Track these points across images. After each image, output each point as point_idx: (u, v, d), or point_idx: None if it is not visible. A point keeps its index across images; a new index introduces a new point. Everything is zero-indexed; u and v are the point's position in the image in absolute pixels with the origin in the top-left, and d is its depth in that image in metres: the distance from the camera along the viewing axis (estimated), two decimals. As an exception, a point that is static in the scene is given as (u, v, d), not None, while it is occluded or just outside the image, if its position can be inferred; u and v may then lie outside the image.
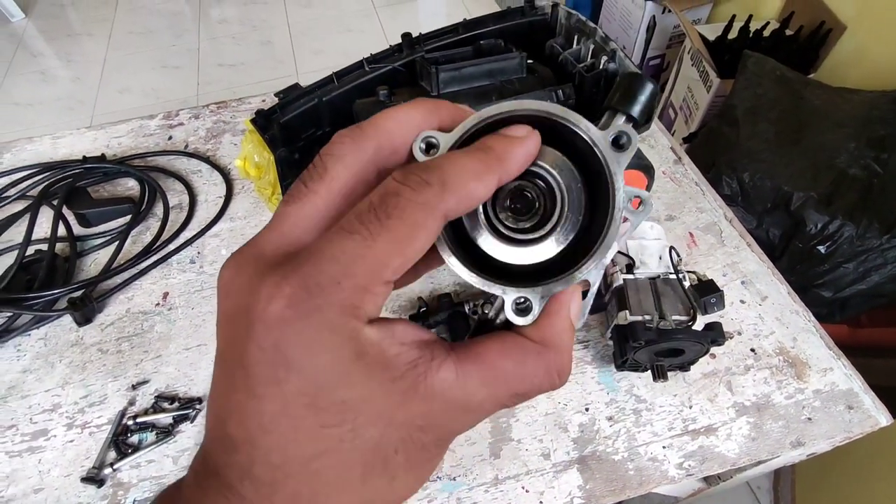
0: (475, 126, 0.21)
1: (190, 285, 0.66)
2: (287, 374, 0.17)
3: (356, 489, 0.18)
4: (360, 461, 0.18)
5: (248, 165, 0.63)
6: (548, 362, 0.20)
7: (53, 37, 2.52)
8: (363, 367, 0.17)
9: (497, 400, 0.19)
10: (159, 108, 0.88)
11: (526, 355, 0.19)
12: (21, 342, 0.62)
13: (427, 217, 0.17)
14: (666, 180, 0.75)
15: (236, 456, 0.18)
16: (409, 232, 0.17)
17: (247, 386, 0.17)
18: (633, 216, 0.24)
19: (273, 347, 0.17)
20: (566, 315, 0.20)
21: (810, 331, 0.60)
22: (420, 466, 0.19)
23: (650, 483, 0.51)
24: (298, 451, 0.17)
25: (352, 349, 0.17)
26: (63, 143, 0.83)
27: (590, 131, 0.20)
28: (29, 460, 0.54)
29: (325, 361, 0.17)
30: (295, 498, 0.18)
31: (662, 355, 0.53)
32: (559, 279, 0.20)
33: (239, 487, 0.18)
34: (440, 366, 0.18)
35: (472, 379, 0.19)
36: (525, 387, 0.19)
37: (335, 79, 0.62)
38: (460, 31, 0.64)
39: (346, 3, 2.62)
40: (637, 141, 0.21)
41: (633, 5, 1.76)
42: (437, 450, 0.20)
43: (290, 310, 0.16)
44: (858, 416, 0.54)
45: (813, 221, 1.04)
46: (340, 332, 0.17)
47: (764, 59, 1.25)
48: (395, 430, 0.18)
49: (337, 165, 0.19)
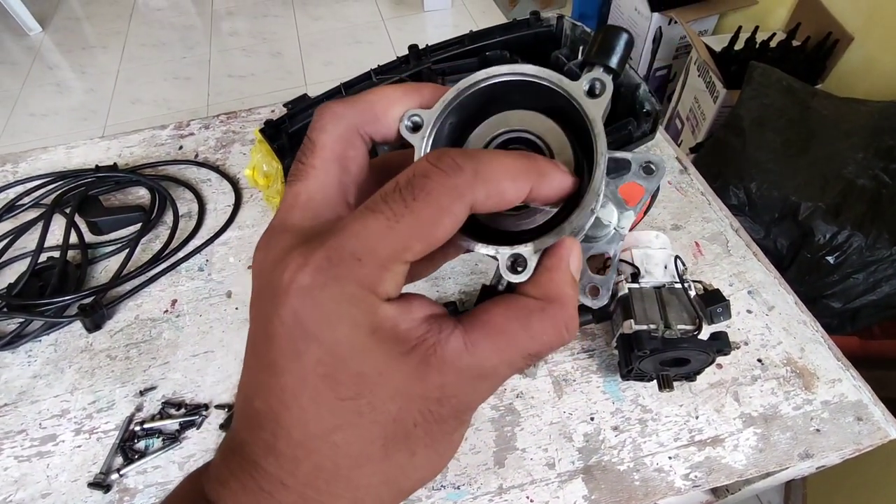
0: (456, 98, 0.21)
1: (198, 293, 0.67)
2: (307, 345, 0.17)
3: (378, 463, 0.18)
4: (381, 434, 0.18)
5: (257, 174, 0.64)
6: (553, 318, 0.19)
7: (69, 49, 2.58)
8: (377, 340, 0.17)
9: (510, 362, 0.19)
10: (171, 119, 0.90)
11: (530, 314, 0.19)
12: (32, 348, 0.63)
13: (454, 202, 0.17)
14: (672, 190, 0.75)
15: (260, 432, 0.18)
16: (434, 215, 0.17)
17: (270, 361, 0.18)
18: (646, 182, 0.24)
19: (293, 318, 0.17)
20: (565, 268, 0.20)
21: (818, 341, 0.60)
22: (440, 441, 0.19)
23: (656, 494, 0.50)
24: (319, 425, 0.17)
25: (368, 323, 0.17)
26: (76, 152, 0.84)
27: (562, 83, 0.21)
28: (37, 465, 0.54)
29: (341, 333, 0.17)
30: (318, 472, 0.18)
31: (668, 365, 0.52)
32: (549, 232, 0.20)
33: (263, 463, 0.18)
34: (448, 337, 0.18)
35: (481, 346, 0.19)
36: (536, 345, 0.19)
37: (343, 89, 0.63)
38: (466, 43, 0.65)
39: (355, 15, 2.66)
40: (611, 87, 0.20)
41: (639, 16, 1.78)
42: (455, 422, 0.19)
43: (310, 281, 0.17)
44: (868, 428, 0.53)
45: (821, 232, 1.03)
46: (358, 305, 0.17)
47: (770, 70, 1.25)
48: (412, 404, 0.18)
49: (322, 136, 0.20)
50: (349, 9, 2.69)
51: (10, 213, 0.76)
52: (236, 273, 0.69)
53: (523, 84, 0.21)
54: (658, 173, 0.23)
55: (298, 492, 0.18)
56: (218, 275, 0.69)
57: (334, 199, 0.20)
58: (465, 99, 0.21)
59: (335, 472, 0.18)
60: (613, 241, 0.24)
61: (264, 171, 0.63)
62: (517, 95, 0.22)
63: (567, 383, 0.58)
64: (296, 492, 0.18)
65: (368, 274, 0.17)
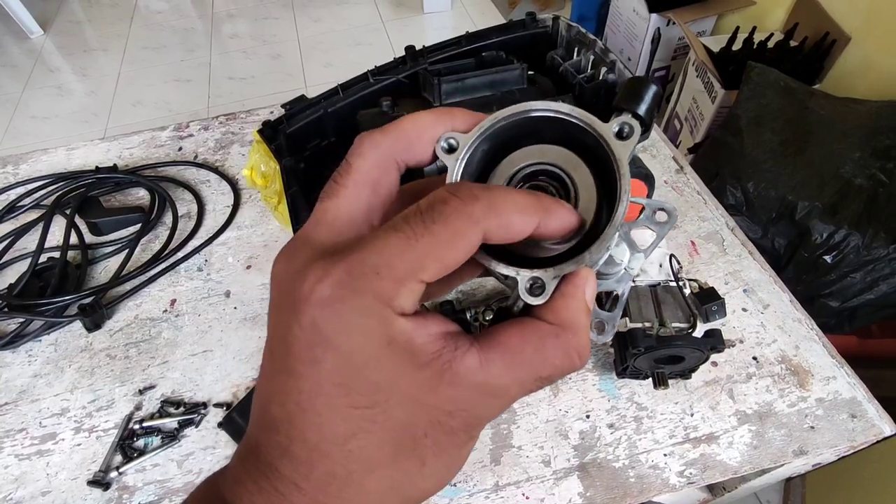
0: (492, 126, 0.22)
1: (197, 292, 0.68)
2: (324, 353, 0.18)
3: (388, 470, 0.19)
4: (391, 441, 0.18)
5: (255, 175, 0.64)
6: (566, 344, 0.20)
7: (70, 52, 2.59)
8: (392, 352, 0.18)
9: (521, 384, 0.20)
10: (171, 121, 0.90)
11: (544, 338, 0.20)
12: (32, 347, 0.63)
13: (469, 228, 0.18)
14: (668, 189, 0.75)
15: (276, 435, 0.19)
16: (450, 238, 0.18)
17: (287, 366, 0.18)
18: (658, 228, 0.25)
19: (312, 326, 0.18)
20: (581, 297, 0.20)
21: (813, 339, 0.60)
22: (449, 453, 0.20)
23: (651, 491, 0.51)
24: (332, 431, 0.18)
25: (383, 334, 0.18)
26: (77, 154, 0.85)
27: (594, 124, 0.22)
28: (38, 463, 0.55)
29: (357, 343, 0.18)
30: (331, 477, 0.18)
31: (663, 362, 0.53)
32: (570, 261, 0.21)
33: (279, 465, 0.19)
34: (464, 354, 0.19)
35: (495, 365, 0.19)
36: (547, 370, 0.20)
37: (340, 90, 0.63)
38: (463, 44, 0.66)
39: (355, 17, 2.66)
40: (639, 131, 0.22)
41: (637, 17, 1.78)
42: (465, 436, 0.20)
43: (330, 292, 0.18)
44: (862, 425, 0.54)
45: (818, 231, 1.03)
46: (374, 317, 0.18)
47: (768, 70, 1.25)
48: (423, 413, 0.19)
49: (358, 160, 0.21)
50: (349, 11, 2.70)
51: (11, 214, 0.77)
52: (235, 273, 0.69)
53: (556, 120, 0.22)
54: (671, 220, 0.24)
55: (311, 496, 0.19)
56: (217, 275, 0.69)
57: (359, 220, 0.21)
58: (499, 128, 0.22)
59: (347, 478, 0.18)
60: (623, 280, 0.25)
61: (262, 171, 0.64)
62: (549, 129, 0.23)
63: (563, 381, 0.58)
64: (309, 495, 0.19)
65: (386, 287, 0.18)
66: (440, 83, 0.58)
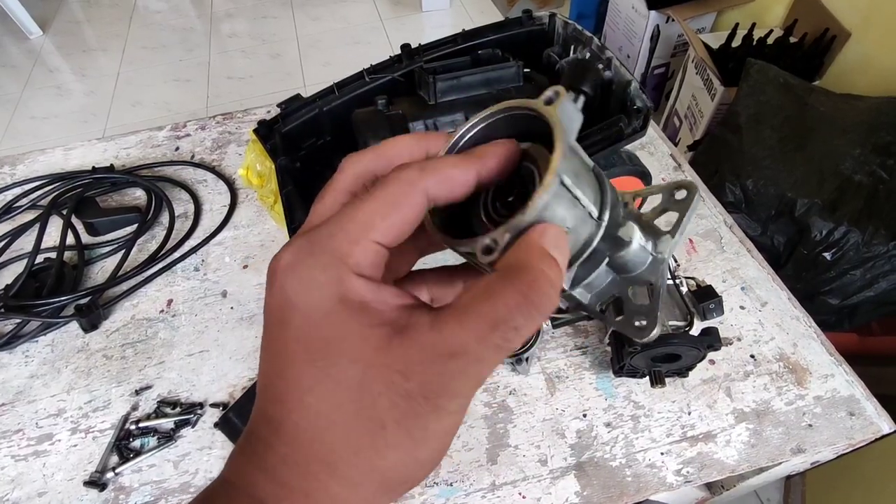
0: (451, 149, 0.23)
1: (193, 292, 0.67)
2: (290, 314, 0.20)
3: (347, 428, 0.19)
4: (349, 400, 0.19)
5: (251, 174, 0.64)
6: (513, 282, 0.19)
7: (69, 52, 2.58)
8: (344, 308, 0.19)
9: (479, 337, 0.18)
10: (170, 121, 0.90)
11: (492, 284, 0.19)
12: (29, 348, 0.63)
13: (408, 190, 0.20)
14: (665, 187, 0.75)
15: (259, 402, 0.21)
16: (391, 199, 0.20)
17: (267, 336, 0.21)
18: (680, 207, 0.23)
19: (280, 291, 0.20)
20: (534, 240, 0.20)
21: (811, 337, 0.60)
22: (410, 421, 0.19)
23: (648, 489, 0.51)
24: (295, 385, 0.19)
25: (337, 291, 0.19)
26: (74, 154, 0.85)
27: (528, 103, 0.22)
28: (34, 464, 0.54)
29: (314, 299, 0.19)
30: (296, 432, 0.19)
31: (660, 360, 0.53)
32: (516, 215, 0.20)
33: (256, 430, 0.20)
34: (418, 318, 0.20)
35: (446, 323, 0.19)
36: (499, 311, 0.18)
37: (336, 89, 0.63)
38: (459, 42, 0.65)
39: (353, 16, 2.66)
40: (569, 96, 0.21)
41: (636, 15, 1.77)
42: (428, 405, 0.19)
43: (292, 257, 0.20)
44: (860, 423, 0.53)
45: (818, 228, 1.03)
46: (329, 273, 0.19)
47: (767, 67, 1.25)
48: (375, 372, 0.19)
49: (339, 175, 0.24)
50: (348, 10, 2.69)
51: (8, 214, 0.76)
52: (232, 273, 0.69)
53: (508, 119, 0.23)
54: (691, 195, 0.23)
55: (281, 452, 0.19)
56: (213, 275, 0.69)
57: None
58: (463, 145, 0.23)
59: (312, 435, 0.19)
60: (653, 268, 0.24)
61: (258, 170, 0.63)
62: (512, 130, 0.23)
63: (560, 380, 0.58)
64: (279, 452, 0.19)
65: (339, 246, 0.20)
66: (435, 81, 0.58)
